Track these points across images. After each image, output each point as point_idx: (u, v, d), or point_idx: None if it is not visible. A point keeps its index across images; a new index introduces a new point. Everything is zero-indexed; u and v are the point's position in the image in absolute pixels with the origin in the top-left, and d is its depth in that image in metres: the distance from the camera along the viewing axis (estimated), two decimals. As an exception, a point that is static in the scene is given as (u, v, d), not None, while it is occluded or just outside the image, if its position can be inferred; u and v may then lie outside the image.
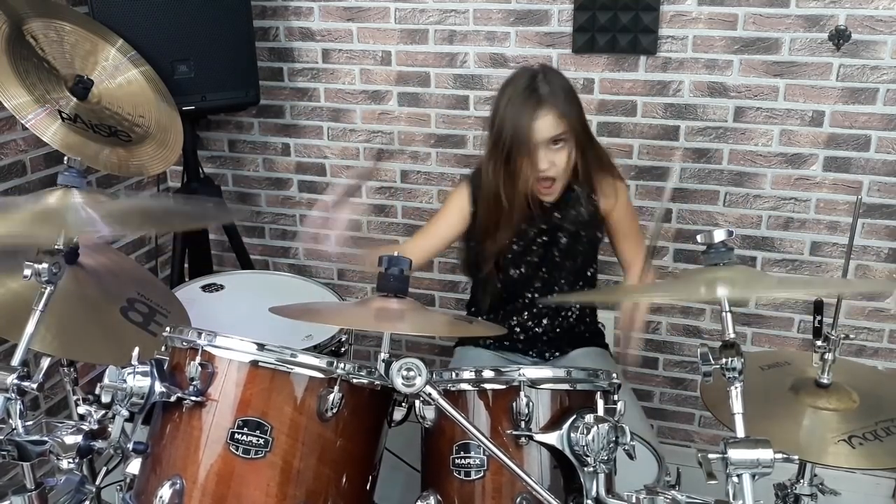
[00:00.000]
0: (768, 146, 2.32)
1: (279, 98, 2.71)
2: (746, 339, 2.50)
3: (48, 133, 1.85)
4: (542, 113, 1.73)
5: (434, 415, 1.30)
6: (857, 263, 2.35)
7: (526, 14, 2.38)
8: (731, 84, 2.29)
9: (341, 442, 1.27)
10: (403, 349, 2.85)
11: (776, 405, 1.51)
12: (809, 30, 2.18)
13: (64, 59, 2.00)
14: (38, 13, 1.98)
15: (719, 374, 1.22)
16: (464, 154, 2.58)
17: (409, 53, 2.52)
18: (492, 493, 1.26)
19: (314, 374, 1.24)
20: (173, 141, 2.13)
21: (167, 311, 1.71)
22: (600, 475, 1.21)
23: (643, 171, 2.44)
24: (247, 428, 1.21)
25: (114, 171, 1.96)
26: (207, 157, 2.85)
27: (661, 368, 2.64)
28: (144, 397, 1.21)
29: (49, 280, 1.31)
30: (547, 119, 1.73)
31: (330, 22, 2.57)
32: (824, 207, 2.33)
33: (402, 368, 1.15)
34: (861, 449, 1.40)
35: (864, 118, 2.22)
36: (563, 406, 1.28)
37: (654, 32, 2.27)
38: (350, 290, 2.88)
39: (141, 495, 1.26)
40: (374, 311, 1.33)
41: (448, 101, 2.54)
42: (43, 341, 1.40)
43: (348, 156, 2.72)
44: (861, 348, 2.42)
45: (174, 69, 2.27)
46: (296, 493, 1.22)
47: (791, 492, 1.61)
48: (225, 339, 1.25)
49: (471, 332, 1.80)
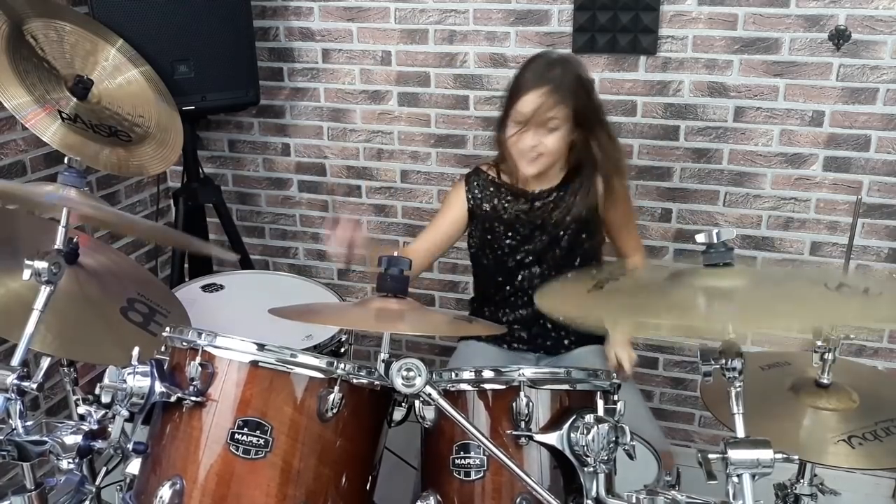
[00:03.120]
0: (768, 146, 2.32)
1: (279, 98, 2.71)
2: (746, 339, 2.50)
3: (48, 133, 1.85)
4: (539, 90, 1.75)
5: (434, 415, 1.30)
6: (857, 263, 2.34)
7: (526, 14, 2.38)
8: (731, 84, 2.29)
9: (341, 442, 1.27)
10: (403, 349, 2.85)
11: (776, 405, 1.51)
12: (809, 30, 2.18)
13: (64, 59, 1.99)
14: (38, 13, 1.98)
15: (719, 374, 1.22)
16: (464, 154, 2.58)
17: (409, 53, 2.52)
18: (492, 493, 1.26)
19: (314, 375, 1.25)
20: (173, 141, 2.13)
21: (167, 311, 1.71)
22: (600, 475, 1.21)
23: (643, 171, 2.43)
24: (247, 428, 1.21)
25: (114, 171, 1.96)
26: (207, 157, 2.85)
27: (661, 368, 2.64)
28: (144, 397, 1.21)
29: (49, 280, 1.31)
30: (542, 97, 1.75)
31: (330, 22, 2.57)
32: (824, 207, 2.33)
33: (402, 369, 1.15)
34: (861, 449, 1.40)
35: (864, 118, 2.22)
36: (563, 406, 1.28)
37: (654, 32, 2.27)
38: (350, 290, 2.88)
39: (141, 495, 1.26)
40: (373, 312, 1.34)
41: (448, 101, 2.54)
42: (43, 341, 1.40)
43: (348, 156, 2.72)
44: (861, 348, 2.41)
45: (174, 69, 2.27)
46: (296, 493, 1.22)
47: (791, 492, 1.61)
48: (225, 340, 1.25)
49: (471, 331, 1.80)
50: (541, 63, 1.80)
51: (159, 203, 2.84)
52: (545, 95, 1.75)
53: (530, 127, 1.77)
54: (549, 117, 1.76)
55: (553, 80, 1.76)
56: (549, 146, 1.79)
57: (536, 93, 1.75)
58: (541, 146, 1.79)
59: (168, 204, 2.91)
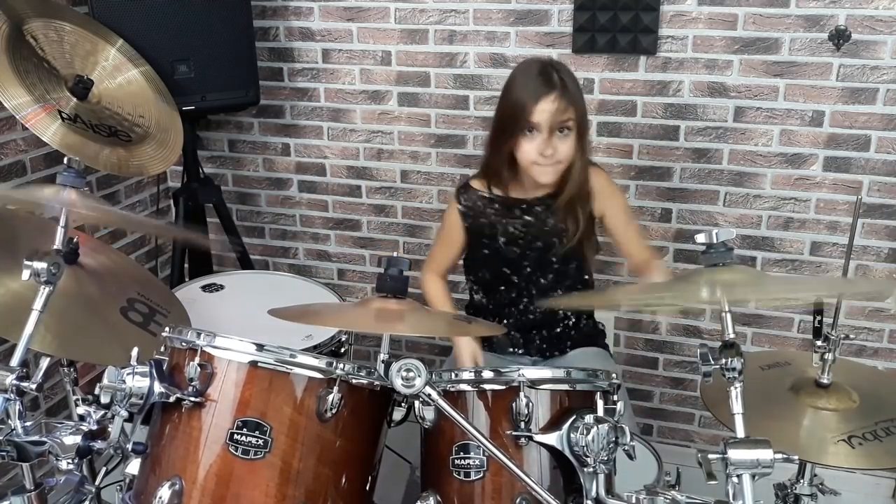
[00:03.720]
0: (768, 146, 2.32)
1: (279, 98, 2.71)
2: (746, 339, 2.50)
3: (48, 133, 1.85)
4: (551, 96, 1.75)
5: (434, 415, 1.30)
6: (857, 263, 2.34)
7: (526, 14, 2.37)
8: (731, 84, 2.29)
9: (341, 442, 1.27)
10: (403, 349, 2.85)
11: (776, 405, 1.51)
12: (809, 30, 2.18)
13: (64, 59, 1.99)
14: (38, 13, 1.98)
15: (719, 374, 1.22)
16: (464, 154, 2.58)
17: (409, 53, 2.52)
18: (491, 493, 1.26)
19: (313, 375, 1.24)
20: (173, 141, 2.13)
21: (167, 311, 1.71)
22: (600, 475, 1.21)
23: (643, 171, 2.43)
24: (246, 428, 1.21)
25: (114, 171, 1.96)
26: (207, 157, 2.85)
27: (661, 368, 2.64)
28: (143, 398, 1.21)
29: (48, 280, 1.31)
30: (554, 103, 1.75)
31: (330, 22, 2.57)
32: (824, 207, 2.33)
33: (402, 369, 1.15)
34: (861, 449, 1.40)
35: (864, 118, 2.22)
36: (563, 406, 1.28)
37: (654, 32, 2.27)
38: (350, 290, 2.88)
39: (140, 496, 1.26)
40: (373, 312, 1.33)
41: (448, 101, 2.54)
42: (43, 341, 1.40)
43: (348, 156, 2.71)
44: (861, 348, 2.41)
45: (174, 69, 2.27)
46: (295, 493, 1.22)
47: (791, 492, 1.61)
48: (224, 340, 1.25)
49: (470, 332, 1.80)
50: (537, 70, 1.79)
51: (159, 203, 2.84)
52: (555, 101, 1.74)
53: (545, 134, 1.77)
54: (562, 122, 1.76)
55: (558, 86, 1.75)
56: (566, 152, 1.79)
57: (547, 100, 1.74)
58: (558, 153, 1.78)
59: (168, 204, 2.91)
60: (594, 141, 2.41)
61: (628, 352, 2.64)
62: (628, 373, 2.64)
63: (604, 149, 2.43)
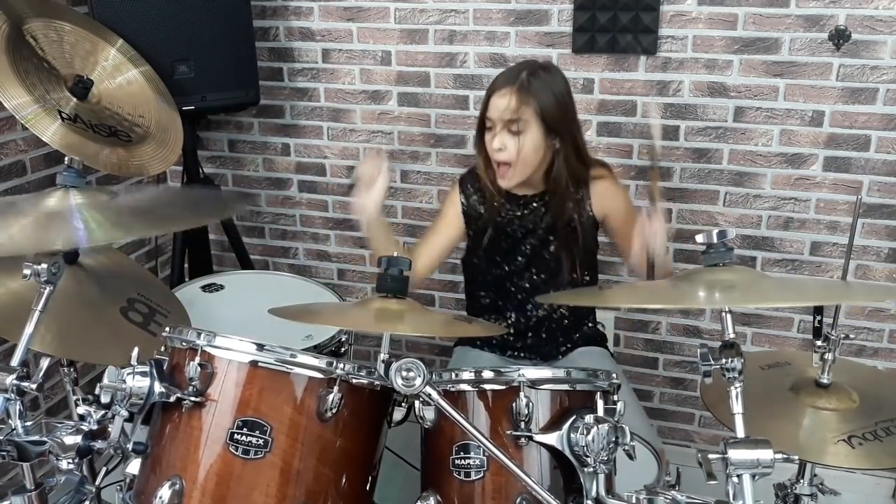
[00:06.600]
0: (768, 146, 2.32)
1: (279, 98, 2.71)
2: (746, 339, 2.50)
3: (48, 133, 1.85)
4: (504, 91, 1.75)
5: (434, 415, 1.30)
6: (857, 263, 2.34)
7: (526, 14, 2.37)
8: (731, 84, 2.29)
9: (341, 442, 1.27)
10: (403, 349, 2.85)
11: (776, 405, 1.51)
12: (809, 30, 2.18)
13: (64, 59, 1.99)
14: (38, 13, 1.98)
15: (719, 374, 1.22)
16: (464, 154, 2.58)
17: (409, 53, 2.52)
18: (492, 493, 1.26)
19: (314, 375, 1.24)
20: (173, 141, 2.13)
21: (167, 311, 1.71)
22: (600, 475, 1.21)
23: (643, 171, 2.43)
24: (246, 428, 1.21)
25: (114, 171, 1.96)
26: (207, 157, 2.85)
27: (661, 368, 2.64)
28: (144, 397, 1.21)
29: (48, 280, 1.31)
30: (505, 99, 1.74)
31: (330, 22, 2.57)
32: (824, 207, 2.33)
33: (402, 369, 1.15)
34: (861, 449, 1.40)
35: (864, 118, 2.22)
36: (563, 406, 1.28)
37: (654, 32, 2.27)
38: (350, 290, 2.88)
39: (140, 495, 1.26)
40: (373, 312, 1.34)
41: (448, 101, 2.54)
42: (43, 341, 1.40)
43: (348, 156, 2.71)
44: (861, 348, 2.41)
45: (174, 69, 2.27)
46: (295, 493, 1.22)
47: (791, 492, 1.61)
48: (224, 340, 1.25)
49: (470, 332, 1.80)
50: (514, 68, 1.80)
51: (159, 203, 2.84)
52: (509, 95, 1.74)
53: (497, 129, 1.77)
54: (512, 119, 1.74)
55: (519, 82, 1.75)
56: (515, 150, 1.76)
57: (499, 94, 1.76)
58: (507, 151, 1.77)
59: (168, 204, 2.90)
60: (594, 141, 2.42)
61: (628, 352, 2.65)
62: (628, 373, 2.64)
63: (604, 149, 2.43)
